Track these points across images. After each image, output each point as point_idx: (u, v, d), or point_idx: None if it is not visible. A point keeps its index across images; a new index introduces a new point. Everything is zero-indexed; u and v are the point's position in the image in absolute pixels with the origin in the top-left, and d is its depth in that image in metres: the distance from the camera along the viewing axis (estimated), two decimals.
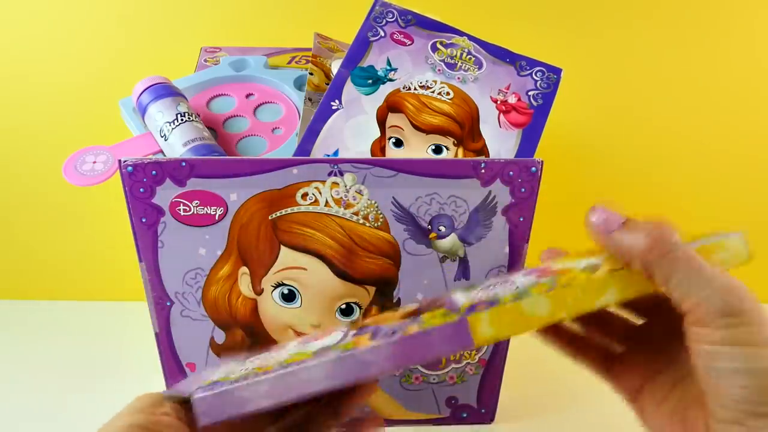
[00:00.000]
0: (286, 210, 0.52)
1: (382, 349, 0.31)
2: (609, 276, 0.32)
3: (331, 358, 0.31)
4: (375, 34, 0.60)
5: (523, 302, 0.31)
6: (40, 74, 0.74)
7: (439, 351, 0.31)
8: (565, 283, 0.32)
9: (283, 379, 0.32)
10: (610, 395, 0.39)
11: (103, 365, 0.72)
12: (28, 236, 0.81)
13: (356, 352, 0.31)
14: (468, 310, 0.32)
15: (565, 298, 0.32)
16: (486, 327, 0.31)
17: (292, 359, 0.34)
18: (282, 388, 0.32)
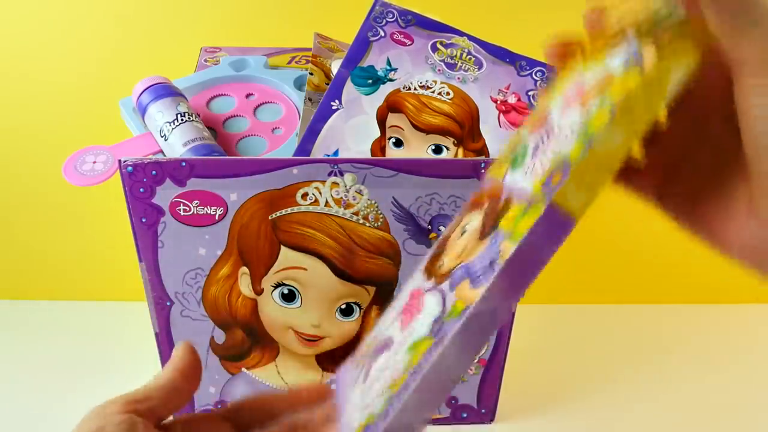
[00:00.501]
0: (286, 210, 0.52)
1: (495, 290, 0.27)
2: (663, 62, 0.27)
3: (456, 331, 0.27)
4: (375, 34, 0.60)
5: (596, 146, 0.27)
6: (40, 74, 0.74)
7: (548, 252, 0.27)
8: (621, 97, 0.27)
9: (426, 382, 0.28)
10: (610, 395, 0.39)
11: (103, 365, 0.72)
12: (28, 236, 0.81)
13: (475, 309, 0.27)
14: (547, 191, 0.28)
15: (633, 113, 0.27)
16: (575, 196, 0.27)
17: (415, 356, 0.29)
18: (431, 390, 0.28)
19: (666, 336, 0.78)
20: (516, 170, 0.32)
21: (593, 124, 0.28)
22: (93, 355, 0.74)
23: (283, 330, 0.57)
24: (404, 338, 0.32)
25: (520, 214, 0.28)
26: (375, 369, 0.33)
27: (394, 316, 0.35)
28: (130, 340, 0.75)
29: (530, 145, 0.32)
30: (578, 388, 0.70)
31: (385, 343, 0.34)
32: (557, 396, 0.69)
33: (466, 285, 0.30)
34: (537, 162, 0.30)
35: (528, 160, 0.31)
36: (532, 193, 0.29)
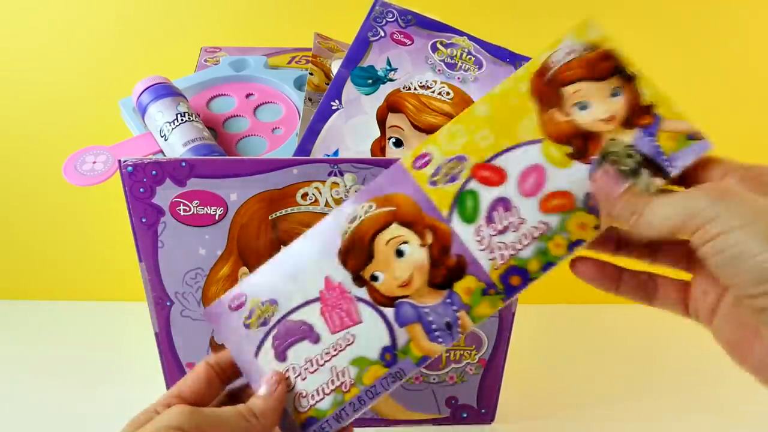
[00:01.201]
0: (286, 210, 0.52)
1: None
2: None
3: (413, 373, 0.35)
4: (375, 34, 0.60)
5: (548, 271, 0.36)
6: (40, 74, 0.74)
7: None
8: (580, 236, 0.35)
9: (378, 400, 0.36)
10: (610, 396, 0.39)
11: (103, 365, 0.72)
12: (28, 236, 0.81)
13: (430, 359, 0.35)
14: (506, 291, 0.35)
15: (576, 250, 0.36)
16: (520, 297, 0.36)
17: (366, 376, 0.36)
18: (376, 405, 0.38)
19: (666, 336, 0.78)
20: (466, 224, 0.35)
21: (552, 250, 0.34)
22: (93, 355, 0.74)
23: None
24: (340, 344, 0.36)
25: (478, 295, 0.34)
26: (296, 355, 0.37)
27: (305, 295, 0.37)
28: (130, 340, 0.75)
29: (482, 199, 0.35)
30: (578, 388, 0.70)
31: (301, 328, 0.37)
32: (557, 396, 0.69)
33: (421, 332, 0.35)
34: (494, 242, 0.34)
35: (481, 224, 0.35)
36: (490, 277, 0.34)
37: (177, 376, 0.59)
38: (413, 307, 0.35)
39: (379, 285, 0.36)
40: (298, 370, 0.37)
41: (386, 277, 0.36)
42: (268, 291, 0.38)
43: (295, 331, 0.37)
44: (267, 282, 0.38)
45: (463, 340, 0.59)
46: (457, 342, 0.37)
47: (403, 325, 0.35)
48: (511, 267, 0.34)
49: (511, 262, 0.34)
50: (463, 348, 0.59)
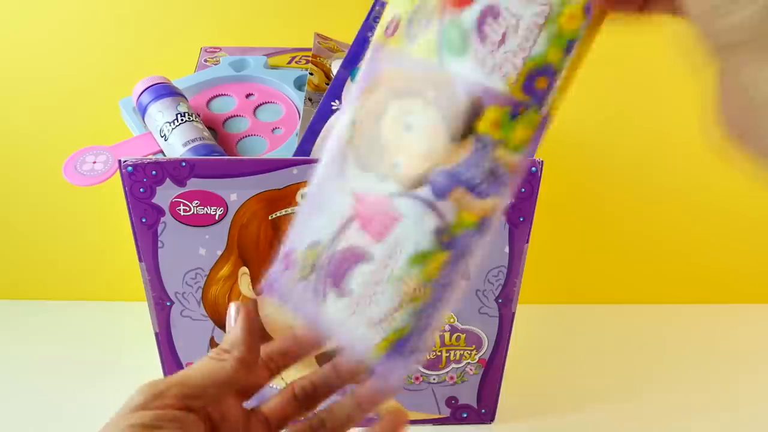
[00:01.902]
0: (286, 210, 0.52)
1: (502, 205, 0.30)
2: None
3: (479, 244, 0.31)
4: None
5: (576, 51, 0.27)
6: (40, 74, 0.74)
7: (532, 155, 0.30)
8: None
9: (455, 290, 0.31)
10: (610, 396, 0.39)
11: (103, 365, 0.72)
12: (28, 236, 0.81)
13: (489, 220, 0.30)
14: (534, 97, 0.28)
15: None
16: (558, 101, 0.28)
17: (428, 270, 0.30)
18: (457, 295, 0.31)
19: (666, 336, 0.78)
20: (461, 58, 0.29)
21: (565, 25, 0.27)
22: (93, 355, 0.74)
23: (283, 330, 0.57)
24: (392, 250, 0.30)
25: (507, 121, 0.28)
26: (356, 282, 0.32)
27: (341, 220, 0.32)
28: (130, 340, 0.75)
29: (466, 24, 0.28)
30: (578, 388, 0.70)
31: (350, 253, 0.32)
32: (557, 396, 0.69)
33: (465, 195, 0.29)
34: (498, 57, 0.28)
35: (476, 47, 0.28)
36: (512, 95, 0.27)
37: None
38: (444, 173, 0.29)
39: (408, 172, 0.30)
40: (365, 299, 0.32)
41: (405, 160, 0.30)
42: (306, 234, 0.33)
43: (344, 260, 0.32)
44: (302, 227, 0.34)
45: (464, 339, 0.59)
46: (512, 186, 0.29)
47: (442, 197, 0.29)
48: (530, 71, 0.27)
49: (528, 65, 0.27)
50: (463, 348, 0.59)
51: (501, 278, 0.55)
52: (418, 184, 0.30)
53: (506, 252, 0.54)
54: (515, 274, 0.55)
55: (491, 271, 0.55)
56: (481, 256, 0.30)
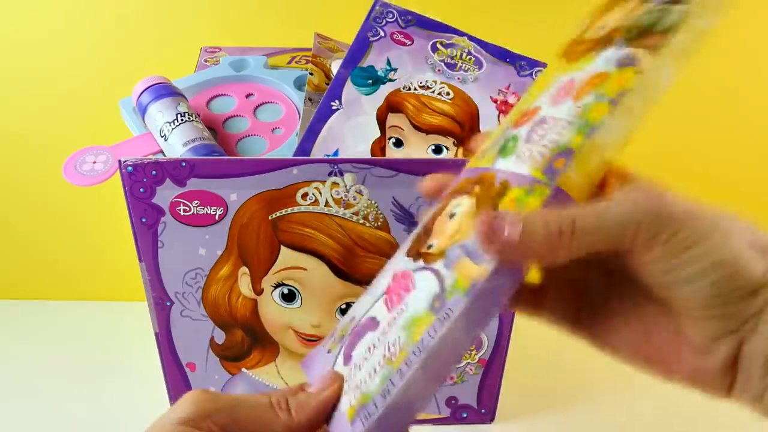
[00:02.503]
0: (286, 210, 0.52)
1: (499, 266, 0.28)
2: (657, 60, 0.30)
3: (465, 307, 0.28)
4: (375, 35, 0.60)
5: (597, 135, 0.29)
6: (40, 74, 0.74)
7: None
8: (620, 91, 0.29)
9: (433, 357, 0.28)
10: (610, 395, 0.39)
11: (103, 365, 0.72)
12: (28, 236, 0.81)
13: (479, 284, 0.28)
14: (550, 175, 0.29)
15: (631, 106, 0.29)
16: (577, 180, 0.29)
17: (415, 333, 0.29)
18: (437, 365, 0.28)
19: None
20: (507, 158, 0.32)
21: (592, 116, 0.29)
22: (93, 355, 0.74)
23: (283, 330, 0.57)
24: (394, 317, 0.31)
25: (524, 196, 0.29)
26: (359, 350, 0.32)
27: (375, 298, 0.34)
28: (130, 340, 0.75)
29: (520, 135, 0.32)
30: (578, 388, 0.70)
31: (367, 323, 0.33)
32: (557, 396, 0.69)
33: (467, 263, 0.29)
34: (534, 149, 0.31)
35: (520, 147, 0.31)
36: (533, 176, 0.30)
37: (177, 376, 0.59)
38: (460, 246, 0.30)
39: (434, 249, 0.32)
40: (358, 362, 0.32)
41: (439, 240, 0.32)
42: (350, 314, 0.35)
43: (361, 330, 0.33)
44: (352, 309, 0.35)
45: None
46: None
47: (450, 266, 0.30)
48: (553, 155, 0.29)
49: (552, 151, 0.30)
50: None
51: None
52: (437, 259, 0.31)
53: None
54: None
55: None
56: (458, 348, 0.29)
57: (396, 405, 0.29)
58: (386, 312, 0.32)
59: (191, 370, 0.59)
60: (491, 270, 0.28)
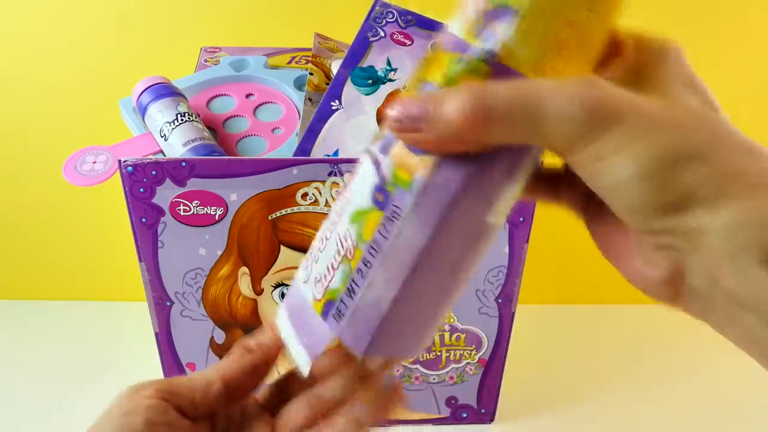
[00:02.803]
0: (286, 210, 0.52)
1: (440, 160, 0.24)
2: None
3: (412, 205, 0.25)
4: (375, 35, 0.60)
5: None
6: (40, 74, 0.74)
7: None
8: None
9: (391, 259, 0.26)
10: (610, 395, 0.39)
11: (103, 365, 0.72)
12: (28, 236, 0.81)
13: (421, 179, 0.25)
14: (485, 42, 0.24)
15: None
16: (523, 52, 0.23)
17: (365, 230, 0.27)
18: (396, 267, 0.26)
19: (666, 336, 0.78)
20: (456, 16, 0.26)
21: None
22: (93, 355, 0.74)
23: None
24: (342, 206, 0.29)
25: (453, 66, 0.24)
26: (314, 245, 0.30)
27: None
28: (130, 340, 0.75)
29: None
30: (578, 388, 0.70)
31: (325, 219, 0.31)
32: (557, 396, 0.69)
33: (403, 150, 0.26)
34: (470, 3, 0.25)
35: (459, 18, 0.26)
36: (464, 41, 0.24)
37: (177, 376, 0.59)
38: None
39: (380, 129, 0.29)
40: (314, 253, 0.30)
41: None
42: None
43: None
44: None
45: (463, 339, 0.59)
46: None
47: (386, 151, 0.27)
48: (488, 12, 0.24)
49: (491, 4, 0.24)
50: (463, 348, 0.59)
51: (501, 278, 0.55)
52: (377, 140, 0.28)
53: (506, 252, 0.54)
54: (515, 274, 0.55)
55: (491, 271, 0.55)
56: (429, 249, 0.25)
57: (363, 306, 0.27)
58: (336, 203, 0.30)
59: (191, 370, 0.59)
60: (432, 163, 0.24)
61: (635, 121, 0.22)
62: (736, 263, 0.22)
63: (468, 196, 0.25)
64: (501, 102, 0.23)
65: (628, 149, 0.22)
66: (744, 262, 0.22)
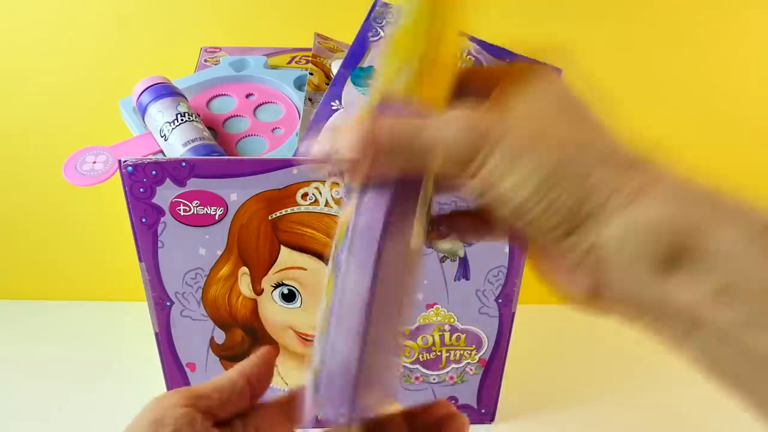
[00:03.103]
0: (286, 210, 0.52)
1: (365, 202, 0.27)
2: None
3: (348, 251, 0.27)
4: (375, 34, 0.60)
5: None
6: (40, 74, 0.74)
7: None
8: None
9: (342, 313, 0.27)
10: (610, 395, 0.39)
11: (103, 365, 0.72)
12: (28, 236, 0.81)
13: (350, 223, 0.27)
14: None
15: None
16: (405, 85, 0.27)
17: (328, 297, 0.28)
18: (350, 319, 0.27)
19: None
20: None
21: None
22: (93, 355, 0.74)
23: (283, 330, 0.57)
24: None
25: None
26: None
27: None
28: (130, 340, 0.75)
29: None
30: (578, 388, 0.70)
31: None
32: (557, 396, 0.69)
33: (344, 209, 0.29)
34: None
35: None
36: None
37: (177, 376, 0.59)
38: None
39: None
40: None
41: None
42: None
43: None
44: None
45: (464, 340, 0.59)
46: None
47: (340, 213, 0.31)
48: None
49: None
50: (463, 348, 0.59)
51: (501, 278, 0.55)
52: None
53: (506, 252, 0.54)
54: (515, 274, 0.55)
55: (491, 271, 0.55)
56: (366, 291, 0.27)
57: (333, 370, 0.28)
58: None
59: (191, 370, 0.59)
60: (354, 206, 0.27)
61: (512, 143, 0.24)
62: (633, 273, 0.23)
63: (391, 227, 0.27)
64: (385, 132, 0.25)
65: (512, 176, 0.23)
66: (639, 270, 0.23)
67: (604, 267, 0.24)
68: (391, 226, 0.27)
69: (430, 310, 0.57)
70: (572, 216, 0.23)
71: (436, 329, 0.58)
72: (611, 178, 0.23)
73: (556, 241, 0.24)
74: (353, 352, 0.27)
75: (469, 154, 0.24)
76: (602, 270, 0.24)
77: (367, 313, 0.27)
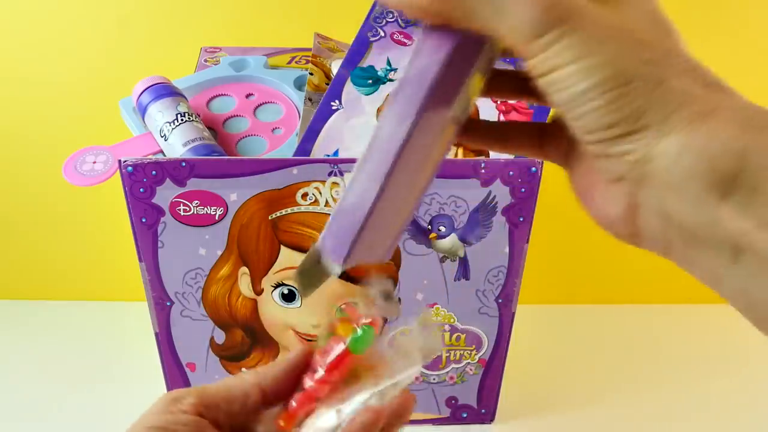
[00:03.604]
0: (286, 210, 0.52)
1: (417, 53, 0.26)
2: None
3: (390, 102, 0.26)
4: (375, 34, 0.60)
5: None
6: (40, 74, 0.74)
7: None
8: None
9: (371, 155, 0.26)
10: (610, 395, 0.39)
11: (103, 365, 0.72)
12: (28, 236, 0.81)
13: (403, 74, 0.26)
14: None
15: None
16: None
17: None
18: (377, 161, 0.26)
19: (665, 336, 0.78)
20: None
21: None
22: (93, 355, 0.74)
23: (283, 330, 0.57)
24: None
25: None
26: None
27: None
28: (130, 340, 0.75)
29: None
30: (578, 388, 0.70)
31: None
32: (557, 396, 0.69)
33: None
34: None
35: None
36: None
37: (177, 376, 0.59)
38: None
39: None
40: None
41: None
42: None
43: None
44: None
45: (464, 340, 0.59)
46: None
47: None
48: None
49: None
50: (463, 348, 0.59)
51: (501, 278, 0.55)
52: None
53: (506, 252, 0.54)
54: (515, 274, 0.55)
55: (491, 271, 0.55)
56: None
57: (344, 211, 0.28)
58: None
59: (191, 370, 0.59)
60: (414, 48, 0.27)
61: (591, 31, 0.22)
62: (684, 192, 0.22)
63: (436, 87, 0.26)
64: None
65: (582, 61, 0.22)
66: (691, 190, 0.21)
67: (649, 183, 0.22)
68: (441, 83, 0.25)
69: (430, 310, 0.57)
70: (632, 119, 0.22)
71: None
72: (686, 91, 0.22)
73: (605, 145, 0.23)
74: (371, 192, 0.27)
75: (541, 29, 0.22)
76: (646, 186, 0.23)
77: (394, 161, 0.26)
